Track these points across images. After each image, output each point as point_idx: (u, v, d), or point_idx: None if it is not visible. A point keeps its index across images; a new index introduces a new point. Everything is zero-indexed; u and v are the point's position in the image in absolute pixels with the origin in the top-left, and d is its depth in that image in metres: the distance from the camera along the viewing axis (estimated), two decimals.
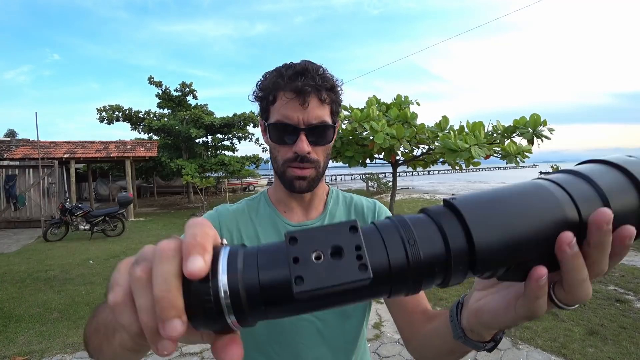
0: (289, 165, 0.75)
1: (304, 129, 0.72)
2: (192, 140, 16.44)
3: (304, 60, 0.75)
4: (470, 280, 0.31)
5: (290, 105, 0.71)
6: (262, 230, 0.81)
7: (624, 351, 2.84)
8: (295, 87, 0.70)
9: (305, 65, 0.73)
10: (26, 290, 4.55)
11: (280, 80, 0.72)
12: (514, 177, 36.16)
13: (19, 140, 14.92)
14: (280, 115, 0.72)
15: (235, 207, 0.86)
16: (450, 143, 5.10)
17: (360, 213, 0.86)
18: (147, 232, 9.15)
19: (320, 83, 0.72)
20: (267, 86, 0.74)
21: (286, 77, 0.71)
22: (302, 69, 0.72)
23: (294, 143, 0.72)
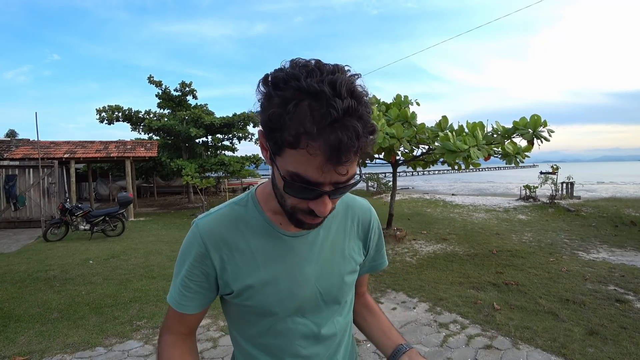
0: (301, 213, 0.64)
1: (330, 191, 0.59)
2: (192, 140, 16.43)
3: (339, 76, 0.54)
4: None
5: (319, 167, 0.55)
6: (256, 244, 0.74)
7: (624, 351, 2.84)
8: (330, 147, 0.52)
9: (348, 105, 0.52)
10: (26, 290, 4.55)
11: (307, 123, 0.52)
12: (514, 177, 36.16)
13: (19, 140, 14.92)
14: (302, 170, 0.56)
15: (218, 215, 0.75)
16: (449, 144, 5.10)
17: (357, 220, 0.86)
18: (147, 232, 9.15)
19: (362, 134, 0.53)
20: (285, 122, 0.54)
21: (318, 123, 0.52)
22: (343, 113, 0.52)
23: (313, 200, 0.60)
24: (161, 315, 3.75)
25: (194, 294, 0.74)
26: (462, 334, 3.23)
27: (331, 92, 0.52)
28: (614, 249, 6.59)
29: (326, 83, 0.53)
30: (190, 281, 0.74)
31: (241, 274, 0.73)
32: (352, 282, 0.84)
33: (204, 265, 0.73)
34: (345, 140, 0.52)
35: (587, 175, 35.76)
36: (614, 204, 10.55)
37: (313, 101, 0.53)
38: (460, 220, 9.70)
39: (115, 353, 3.01)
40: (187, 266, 0.73)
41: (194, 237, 0.74)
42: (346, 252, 0.82)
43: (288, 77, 0.55)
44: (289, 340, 0.77)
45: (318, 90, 0.52)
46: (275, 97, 0.55)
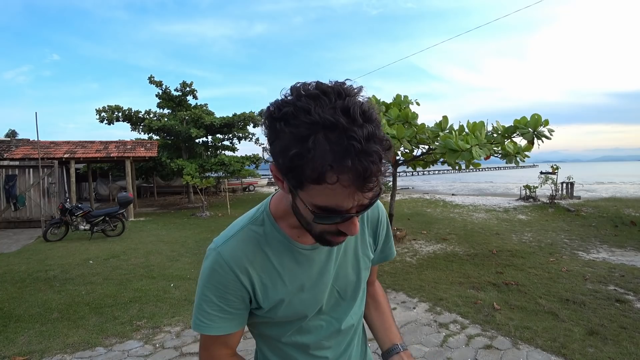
0: (330, 235, 0.65)
1: (358, 213, 0.60)
2: (192, 140, 16.43)
3: (349, 101, 0.53)
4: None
5: (350, 196, 0.55)
6: (278, 262, 0.76)
7: (624, 351, 2.84)
8: (357, 175, 0.52)
9: (367, 132, 0.52)
10: (26, 290, 4.55)
11: (328, 157, 0.51)
12: (514, 177, 36.15)
13: (19, 140, 14.92)
14: (331, 202, 0.56)
15: (238, 239, 0.75)
16: (451, 143, 5.10)
17: (367, 218, 0.88)
18: (147, 232, 9.15)
19: (384, 156, 0.54)
20: (306, 159, 0.52)
21: (339, 154, 0.51)
22: (366, 139, 0.51)
23: (342, 223, 0.61)
24: (161, 315, 3.75)
25: (231, 315, 0.75)
26: (462, 334, 3.23)
27: (347, 121, 0.51)
28: (614, 249, 6.59)
29: (339, 112, 0.52)
30: (226, 305, 0.73)
31: (270, 292, 0.76)
32: (366, 277, 0.90)
33: (238, 290, 0.73)
34: (372, 167, 0.52)
35: (587, 175, 35.75)
36: (614, 204, 10.55)
37: (329, 132, 0.52)
38: (460, 220, 9.70)
39: (115, 353, 3.01)
40: (219, 293, 0.73)
41: (219, 266, 0.72)
42: (360, 251, 0.86)
43: (297, 111, 0.53)
44: (313, 337, 0.83)
45: (333, 122, 0.51)
46: (287, 134, 0.53)
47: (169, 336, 3.30)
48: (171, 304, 4.05)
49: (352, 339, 0.91)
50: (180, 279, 5.00)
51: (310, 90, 0.54)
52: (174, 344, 3.16)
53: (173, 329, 3.43)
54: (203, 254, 3.47)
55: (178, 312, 3.82)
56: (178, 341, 3.20)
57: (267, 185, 26.08)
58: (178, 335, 3.31)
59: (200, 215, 12.06)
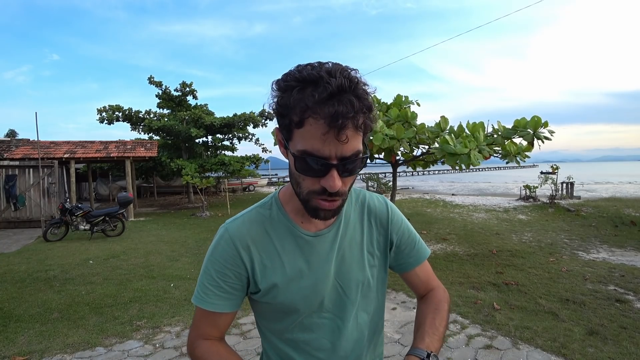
0: (315, 197, 0.68)
1: (337, 165, 0.63)
2: (192, 140, 16.43)
3: (335, 65, 0.63)
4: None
5: (322, 137, 0.60)
6: (280, 245, 0.78)
7: (624, 351, 2.84)
8: (329, 116, 0.59)
9: (341, 82, 0.60)
10: (26, 290, 4.55)
11: (309, 100, 0.60)
12: (514, 177, 36.15)
13: (19, 140, 14.92)
14: (309, 145, 0.62)
15: (246, 219, 0.80)
16: (449, 147, 5.10)
17: (374, 216, 0.87)
18: (147, 232, 9.15)
19: (358, 107, 0.60)
20: (291, 105, 0.62)
21: (317, 98, 0.59)
22: (338, 89, 0.59)
23: (323, 177, 0.64)
24: (161, 315, 3.75)
25: (226, 294, 0.77)
26: (462, 334, 3.23)
27: (327, 76, 0.60)
28: (614, 249, 6.59)
29: (324, 71, 0.61)
30: (223, 282, 0.77)
31: (268, 273, 0.77)
32: (376, 277, 0.86)
33: (236, 267, 0.76)
34: (341, 109, 0.59)
35: (587, 175, 35.74)
36: (614, 204, 10.55)
37: (313, 86, 0.61)
38: (460, 220, 9.70)
39: (115, 353, 3.01)
40: (219, 267, 0.76)
41: (224, 241, 0.77)
42: (365, 247, 0.84)
43: (292, 72, 0.64)
44: (315, 335, 0.80)
45: (317, 76, 0.61)
46: (283, 88, 0.64)
47: (169, 336, 3.30)
48: (171, 304, 4.05)
49: (361, 350, 0.84)
50: (180, 279, 5.00)
51: (310, 63, 0.65)
52: (174, 344, 3.16)
53: (173, 329, 3.43)
54: (203, 254, 3.50)
55: (178, 312, 3.82)
56: (178, 341, 3.20)
57: (267, 185, 26.09)
58: (178, 335, 3.31)
59: (200, 215, 12.06)
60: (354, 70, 0.65)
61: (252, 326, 3.42)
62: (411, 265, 0.91)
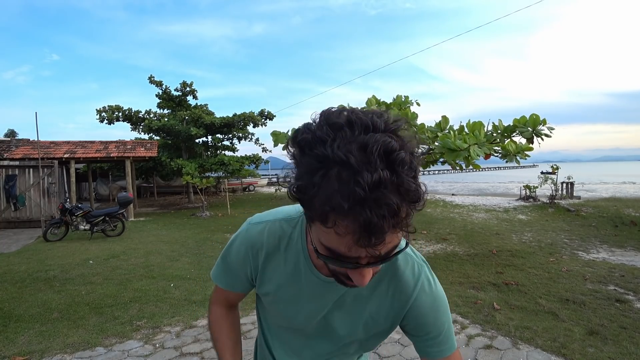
0: (342, 276, 0.61)
1: (368, 265, 0.54)
2: (192, 140, 16.44)
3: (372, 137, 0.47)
4: None
5: (350, 247, 0.50)
6: (287, 267, 0.77)
7: (624, 351, 2.84)
8: (360, 226, 0.47)
9: (379, 176, 0.45)
10: (26, 290, 4.55)
11: (334, 199, 0.46)
12: (514, 177, 36.15)
13: (19, 140, 14.93)
14: (334, 245, 0.52)
15: (268, 227, 0.77)
16: (449, 143, 5.10)
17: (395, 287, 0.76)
18: (147, 232, 9.15)
19: (400, 205, 0.46)
20: (312, 194, 0.49)
21: (344, 200, 0.46)
22: (373, 187, 0.45)
23: (352, 270, 0.56)
24: (161, 315, 3.76)
25: (235, 278, 0.85)
26: (462, 334, 3.23)
27: (359, 161, 0.46)
28: (614, 249, 6.59)
29: (355, 148, 0.46)
30: (233, 272, 0.84)
31: (265, 281, 0.81)
32: (365, 338, 0.81)
33: (245, 267, 0.81)
34: (375, 220, 0.45)
35: (587, 175, 35.75)
36: (614, 204, 10.55)
37: (342, 169, 0.46)
38: (460, 220, 9.70)
39: (115, 353, 3.01)
40: (232, 261, 0.83)
41: (242, 242, 0.80)
42: (369, 309, 0.78)
43: (315, 141, 0.49)
44: (302, 343, 0.86)
45: (344, 159, 0.46)
46: (301, 163, 0.51)
47: (169, 336, 3.30)
48: (171, 304, 4.05)
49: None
50: (180, 279, 5.00)
51: (336, 118, 0.50)
52: (174, 344, 3.16)
53: (173, 329, 3.43)
54: (203, 254, 3.52)
55: (178, 312, 3.82)
56: (178, 341, 3.20)
57: (267, 185, 26.09)
58: (178, 335, 3.31)
59: (200, 215, 12.06)
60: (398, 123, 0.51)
61: (252, 326, 3.43)
62: (430, 355, 0.78)
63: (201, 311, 3.84)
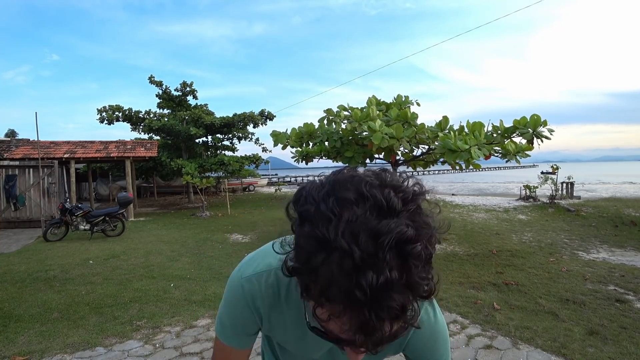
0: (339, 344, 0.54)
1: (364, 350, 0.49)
2: (192, 140, 16.44)
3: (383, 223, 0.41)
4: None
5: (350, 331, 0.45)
6: (288, 315, 0.75)
7: (624, 351, 2.84)
8: (359, 325, 0.43)
9: (386, 278, 0.40)
10: (26, 290, 4.55)
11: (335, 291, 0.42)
12: (514, 176, 36.13)
13: (19, 140, 14.93)
14: (333, 327, 0.47)
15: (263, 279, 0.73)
16: (450, 143, 5.10)
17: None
18: (147, 232, 9.15)
19: (405, 305, 0.42)
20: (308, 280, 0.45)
21: (346, 297, 0.41)
22: (381, 287, 0.40)
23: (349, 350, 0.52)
24: (161, 315, 3.75)
25: (242, 337, 0.80)
26: (462, 334, 3.23)
27: (364, 255, 0.40)
28: (614, 249, 6.59)
29: (363, 237, 0.40)
30: (238, 329, 0.79)
31: (272, 329, 0.80)
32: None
33: (250, 320, 0.77)
34: (373, 323, 0.41)
35: (587, 175, 35.75)
36: (614, 204, 10.54)
37: (344, 258, 0.41)
38: (460, 220, 9.70)
39: (115, 353, 3.01)
40: (236, 320, 0.78)
41: (238, 299, 0.75)
42: None
43: (318, 217, 0.44)
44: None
45: (347, 250, 0.40)
46: (300, 237, 0.46)
47: (169, 336, 3.30)
48: (171, 304, 4.05)
49: None
50: (180, 279, 5.00)
51: (345, 191, 0.44)
52: (174, 344, 3.16)
53: (173, 329, 3.43)
54: (203, 254, 3.50)
55: (178, 312, 3.82)
56: (178, 341, 3.20)
57: (267, 185, 26.09)
58: (178, 335, 3.31)
59: (200, 215, 12.06)
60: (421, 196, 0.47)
61: None
62: None
63: (201, 311, 3.84)
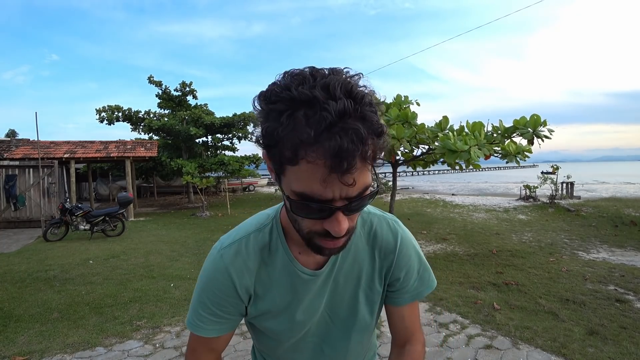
0: (318, 237, 0.59)
1: (342, 207, 0.53)
2: (192, 140, 16.44)
3: (333, 77, 0.50)
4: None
5: (322, 180, 0.49)
6: (275, 277, 0.73)
7: (624, 351, 2.84)
8: (330, 154, 0.47)
9: (343, 105, 0.47)
10: (26, 290, 4.55)
11: (302, 133, 0.48)
12: (514, 177, 36.15)
13: (19, 140, 14.92)
14: (306, 187, 0.51)
15: (243, 245, 0.72)
16: (449, 144, 5.10)
17: (379, 247, 0.78)
18: (147, 232, 9.15)
19: (366, 135, 0.48)
20: (280, 136, 0.50)
21: (313, 131, 0.47)
22: (339, 115, 0.47)
23: (326, 219, 0.55)
24: (161, 315, 3.75)
25: (221, 319, 0.74)
26: (462, 334, 3.23)
27: (324, 96, 0.48)
28: (614, 249, 6.59)
29: (319, 88, 0.48)
30: (219, 309, 0.73)
31: (258, 301, 0.75)
32: (369, 310, 0.81)
33: (233, 297, 0.72)
34: (346, 144, 0.46)
35: (587, 175, 35.76)
36: (614, 204, 10.54)
37: (308, 109, 0.48)
38: (460, 220, 9.70)
39: (115, 353, 3.01)
40: (214, 297, 0.72)
41: (219, 271, 0.71)
42: (363, 282, 0.78)
43: (280, 89, 0.51)
44: (300, 354, 0.82)
45: (310, 96, 0.48)
46: (269, 111, 0.51)
47: (169, 336, 3.30)
48: (171, 304, 4.05)
49: None
50: (180, 279, 5.00)
51: (299, 71, 0.53)
52: (174, 344, 3.16)
53: (173, 329, 3.43)
54: (203, 254, 3.51)
55: (178, 312, 3.82)
56: (178, 341, 3.20)
57: (267, 185, 26.09)
58: (178, 335, 3.31)
59: (200, 215, 12.06)
60: (358, 75, 0.53)
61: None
62: (403, 301, 0.81)
63: None
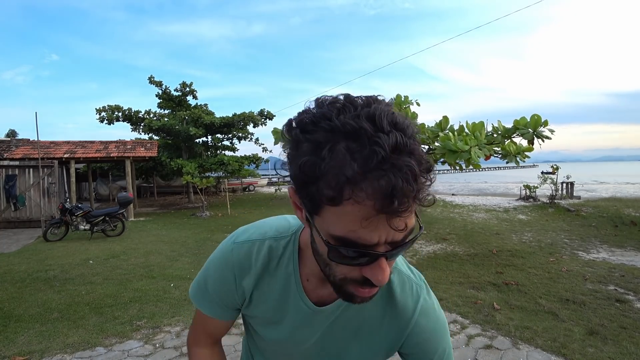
0: (353, 285, 0.53)
1: (386, 252, 0.47)
2: (192, 140, 16.44)
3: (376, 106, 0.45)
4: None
5: (369, 221, 0.43)
6: (275, 291, 0.70)
7: (624, 351, 2.84)
8: (382, 195, 0.41)
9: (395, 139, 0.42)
10: (26, 290, 4.55)
11: (348, 169, 0.42)
12: (514, 177, 36.14)
13: (19, 140, 14.92)
14: (348, 231, 0.45)
15: (256, 247, 0.70)
16: (450, 144, 5.10)
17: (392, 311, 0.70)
18: (147, 232, 9.15)
19: (418, 174, 0.42)
20: (322, 172, 0.44)
21: (362, 167, 0.41)
22: (391, 150, 0.41)
23: (366, 265, 0.49)
24: (161, 315, 3.75)
25: (223, 307, 0.74)
26: (462, 334, 3.23)
27: (372, 128, 0.42)
28: (614, 249, 6.59)
29: (363, 118, 0.43)
30: (220, 298, 0.73)
31: (252, 306, 0.73)
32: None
33: (232, 291, 0.72)
34: (400, 183, 0.41)
35: (587, 175, 35.76)
36: (614, 204, 10.54)
37: (351, 142, 0.43)
38: (460, 220, 9.70)
39: (115, 353, 3.01)
40: (215, 282, 0.72)
41: (228, 265, 0.70)
42: (357, 337, 0.72)
43: (317, 118, 0.46)
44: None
45: (356, 127, 0.43)
46: (304, 142, 0.46)
47: (169, 336, 3.30)
48: (171, 304, 4.05)
49: None
50: (180, 278, 5.00)
51: (334, 99, 0.47)
52: (174, 344, 3.16)
53: (173, 329, 3.43)
54: (203, 254, 3.51)
55: (178, 312, 3.82)
56: (178, 341, 3.20)
57: (267, 185, 26.10)
58: (178, 335, 3.31)
59: (200, 215, 12.06)
60: (389, 104, 0.47)
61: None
62: None
63: None
